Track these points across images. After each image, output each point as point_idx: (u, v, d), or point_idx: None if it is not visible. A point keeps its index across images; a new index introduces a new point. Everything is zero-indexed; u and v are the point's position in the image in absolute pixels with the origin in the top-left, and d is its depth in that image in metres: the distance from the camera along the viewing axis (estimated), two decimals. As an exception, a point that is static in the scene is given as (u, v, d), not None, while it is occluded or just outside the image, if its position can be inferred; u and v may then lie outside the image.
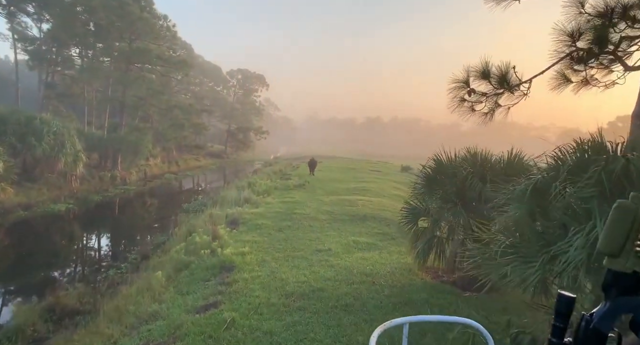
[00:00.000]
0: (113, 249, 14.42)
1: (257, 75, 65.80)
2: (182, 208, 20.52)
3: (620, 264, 0.93)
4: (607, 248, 0.95)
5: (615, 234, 0.95)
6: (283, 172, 34.19)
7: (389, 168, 43.00)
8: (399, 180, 29.92)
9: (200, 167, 43.45)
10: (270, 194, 20.29)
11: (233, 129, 58.95)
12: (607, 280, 0.94)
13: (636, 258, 0.93)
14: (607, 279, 0.94)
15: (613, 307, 0.91)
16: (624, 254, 0.93)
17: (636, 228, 0.93)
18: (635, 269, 0.92)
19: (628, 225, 0.94)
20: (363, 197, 19.06)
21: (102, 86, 26.38)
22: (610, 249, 0.95)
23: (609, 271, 0.95)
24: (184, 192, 27.72)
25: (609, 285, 0.94)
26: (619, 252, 0.94)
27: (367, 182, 25.58)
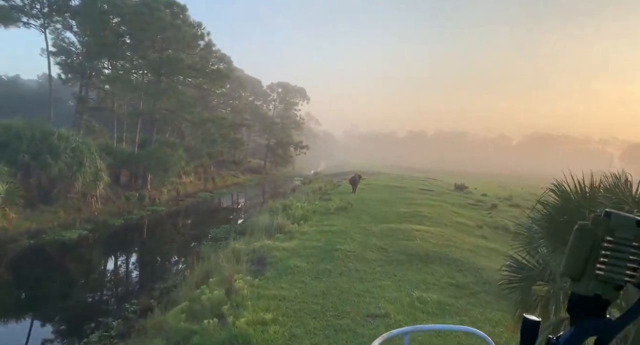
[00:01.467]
0: (110, 295, 12.00)
1: (297, 89, 64.13)
2: (208, 234, 18.11)
3: (583, 287, 0.93)
4: (569, 271, 0.95)
5: (575, 257, 0.94)
6: (323, 190, 31.36)
7: (440, 186, 39.07)
8: (456, 202, 26.17)
9: (237, 183, 41.57)
10: (307, 220, 17.43)
11: (272, 143, 57.20)
12: (571, 303, 0.95)
13: (597, 281, 0.92)
14: (572, 302, 0.95)
15: (578, 330, 0.91)
16: (586, 277, 0.93)
17: (596, 251, 0.92)
18: (597, 292, 0.92)
19: (587, 248, 0.93)
20: (419, 227, 15.74)
21: (135, 99, 25.01)
22: (571, 272, 0.95)
23: (572, 294, 0.95)
24: (216, 213, 25.47)
25: (574, 308, 0.94)
26: (580, 275, 0.93)
27: (420, 205, 22.15)
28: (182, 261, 14.46)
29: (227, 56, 39.72)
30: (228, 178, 40.28)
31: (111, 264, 14.36)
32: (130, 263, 14.47)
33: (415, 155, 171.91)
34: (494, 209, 24.35)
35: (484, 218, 20.63)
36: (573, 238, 0.96)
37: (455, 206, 24.21)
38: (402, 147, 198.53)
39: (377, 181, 39.44)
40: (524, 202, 30.63)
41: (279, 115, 61.75)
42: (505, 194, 37.83)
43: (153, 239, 18.12)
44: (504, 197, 33.81)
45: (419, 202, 23.96)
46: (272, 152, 56.97)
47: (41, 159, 16.16)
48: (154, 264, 14.39)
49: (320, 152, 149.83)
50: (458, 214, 20.67)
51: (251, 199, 34.52)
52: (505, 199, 32.15)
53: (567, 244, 0.96)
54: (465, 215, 20.72)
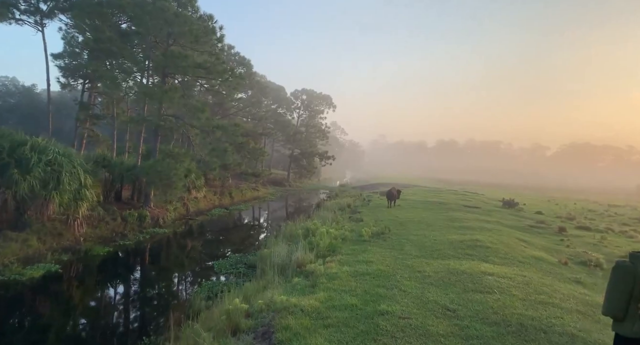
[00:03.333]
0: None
1: (322, 96, 60.68)
2: (210, 269, 14.49)
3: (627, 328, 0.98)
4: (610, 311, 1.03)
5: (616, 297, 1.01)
6: (352, 207, 27.44)
7: (484, 202, 34.39)
8: (513, 224, 21.70)
9: (257, 197, 38.14)
10: (335, 252, 13.56)
11: (297, 153, 53.75)
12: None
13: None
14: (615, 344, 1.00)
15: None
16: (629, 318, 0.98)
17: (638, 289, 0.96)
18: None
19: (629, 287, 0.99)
20: (488, 266, 11.60)
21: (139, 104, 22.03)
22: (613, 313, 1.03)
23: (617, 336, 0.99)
24: (227, 236, 21.90)
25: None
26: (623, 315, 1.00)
27: (475, 230, 17.90)
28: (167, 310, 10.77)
29: (246, 59, 36.87)
30: (247, 192, 36.91)
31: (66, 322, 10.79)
32: (95, 318, 10.89)
33: (446, 165, 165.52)
34: (564, 234, 19.78)
35: (560, 248, 16.18)
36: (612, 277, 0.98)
37: (516, 230, 19.79)
38: (431, 157, 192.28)
39: (413, 195, 35.17)
40: (590, 223, 25.79)
41: (303, 124, 58.43)
42: (562, 212, 32.86)
43: (143, 273, 14.51)
44: (564, 215, 28.92)
45: (470, 224, 19.68)
46: (295, 162, 53.53)
47: (6, 175, 13.06)
48: (126, 320, 10.77)
49: (346, 162, 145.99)
50: (525, 242, 16.29)
51: (271, 216, 30.89)
52: (566, 218, 27.29)
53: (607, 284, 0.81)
54: (536, 244, 16.33)
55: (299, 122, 58.33)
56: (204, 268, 15.09)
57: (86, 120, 24.03)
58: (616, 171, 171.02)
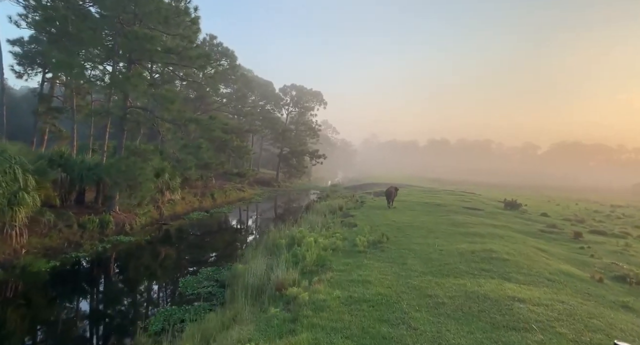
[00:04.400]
0: None
1: (313, 92, 58.20)
2: (174, 289, 12.07)
3: None
4: None
5: None
6: (344, 209, 25.11)
7: (485, 203, 32.30)
8: (523, 228, 19.56)
9: (243, 199, 35.60)
10: (325, 268, 11.22)
11: (286, 152, 51.26)
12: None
13: None
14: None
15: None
16: None
17: None
18: None
19: None
20: (512, 286, 9.38)
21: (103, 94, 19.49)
22: None
23: None
24: (201, 244, 19.41)
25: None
26: None
27: (484, 237, 15.68)
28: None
29: (230, 51, 34.20)
30: (232, 193, 34.37)
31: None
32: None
33: (437, 164, 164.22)
34: (581, 240, 17.68)
35: (584, 258, 14.02)
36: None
37: (528, 236, 17.64)
38: (423, 156, 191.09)
39: (408, 196, 32.98)
40: (603, 226, 23.79)
41: (293, 121, 55.96)
42: (567, 213, 30.91)
43: (73, 304, 11.78)
44: (571, 218, 26.92)
45: (477, 230, 17.47)
46: (285, 162, 51.04)
47: None
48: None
49: (338, 161, 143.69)
50: (545, 252, 14.10)
51: (255, 221, 28.41)
52: (575, 221, 25.26)
53: None
54: (556, 254, 14.14)
55: (288, 119, 55.87)
56: (167, 286, 12.63)
57: (46, 113, 21.39)
58: (607, 170, 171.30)
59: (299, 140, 53.74)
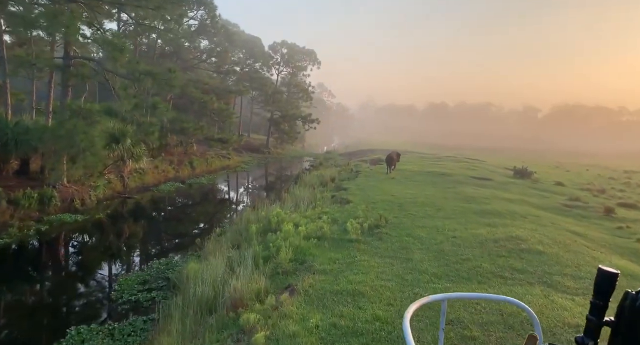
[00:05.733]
0: None
1: (305, 51, 53.78)
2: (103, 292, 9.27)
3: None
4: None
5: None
6: (337, 181, 22.23)
7: (492, 171, 29.49)
8: (541, 203, 16.79)
9: (227, 167, 32.56)
10: (304, 268, 8.45)
11: (277, 116, 47.74)
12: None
13: None
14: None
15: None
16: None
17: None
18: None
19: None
20: (566, 301, 6.57)
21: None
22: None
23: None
24: (163, 225, 16.62)
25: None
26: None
27: (503, 217, 12.89)
28: None
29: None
30: (214, 161, 31.29)
31: None
32: None
33: (436, 129, 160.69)
34: (614, 217, 14.98)
35: (632, 244, 11.29)
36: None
37: (553, 213, 14.89)
38: (421, 120, 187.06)
39: (408, 164, 30.07)
40: (628, 198, 21.15)
41: (284, 83, 51.95)
42: (581, 181, 28.25)
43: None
44: (589, 187, 24.22)
45: (492, 206, 14.67)
46: (276, 126, 47.61)
47: None
48: None
49: (333, 126, 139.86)
50: (582, 237, 11.32)
51: (234, 194, 25.47)
52: (595, 191, 22.56)
53: None
54: (597, 239, 11.37)
55: (279, 80, 51.85)
56: (97, 289, 9.80)
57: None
58: (608, 133, 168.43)
59: (291, 103, 50.02)
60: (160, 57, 30.20)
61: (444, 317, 2.27)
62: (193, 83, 29.81)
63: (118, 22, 26.59)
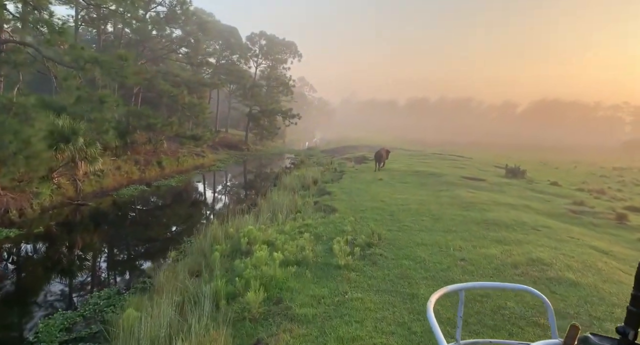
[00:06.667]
0: None
1: (286, 43, 51.36)
2: None
3: None
4: None
5: None
6: (320, 183, 20.28)
7: (482, 170, 28.03)
8: (550, 210, 15.18)
9: (201, 166, 30.16)
10: (279, 311, 6.45)
11: (256, 111, 45.34)
12: None
13: None
14: None
15: None
16: None
17: None
18: None
19: None
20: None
21: None
22: None
23: None
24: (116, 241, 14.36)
25: None
26: None
27: (513, 230, 11.19)
28: None
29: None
30: (187, 159, 28.87)
31: None
32: None
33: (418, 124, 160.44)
34: (631, 225, 13.50)
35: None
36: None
37: (562, 222, 13.30)
38: (403, 115, 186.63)
39: (395, 162, 28.33)
40: (631, 199, 19.92)
41: (263, 76, 49.44)
42: (575, 180, 27.08)
43: None
44: (586, 187, 22.93)
45: (496, 215, 12.95)
46: (255, 122, 45.21)
47: None
48: None
49: (315, 122, 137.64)
50: (609, 255, 9.67)
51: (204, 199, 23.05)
52: (595, 192, 21.23)
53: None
54: (626, 258, 9.70)
55: (258, 73, 49.30)
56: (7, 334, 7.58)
57: None
58: (585, 127, 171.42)
59: (271, 97, 47.60)
60: (127, 47, 27.51)
61: (461, 306, 2.26)
62: (162, 75, 27.25)
63: (76, 6, 23.86)
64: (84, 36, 31.75)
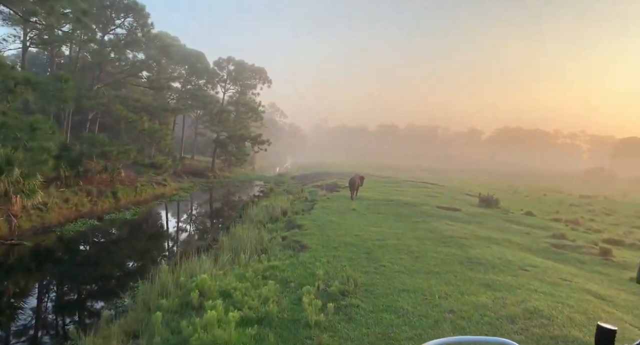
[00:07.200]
0: None
1: (255, 68, 50.59)
2: None
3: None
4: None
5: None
6: (290, 215, 18.98)
7: (455, 198, 27.46)
8: (531, 244, 14.42)
9: (162, 196, 28.16)
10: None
11: (223, 137, 43.85)
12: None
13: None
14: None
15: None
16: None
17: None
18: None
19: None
20: None
21: None
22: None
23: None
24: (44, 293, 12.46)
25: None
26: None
27: (498, 270, 10.25)
28: None
29: (139, 5, 25.56)
30: (146, 189, 26.88)
31: None
32: None
33: (388, 150, 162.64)
34: (617, 262, 12.83)
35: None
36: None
37: (546, 257, 12.52)
38: (373, 142, 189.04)
39: (368, 190, 27.36)
40: (606, 230, 19.61)
41: (232, 101, 48.23)
42: (549, 209, 26.96)
43: None
44: (560, 217, 22.60)
45: (479, 252, 12.00)
46: (223, 148, 43.63)
47: None
48: None
49: (286, 148, 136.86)
50: (607, 302, 8.77)
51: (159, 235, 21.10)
52: (570, 222, 20.86)
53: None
54: (624, 305, 8.80)
55: (226, 98, 48.07)
56: None
57: None
58: (546, 154, 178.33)
59: (240, 123, 46.29)
60: (82, 70, 25.83)
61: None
62: (121, 100, 25.57)
63: (24, 26, 22.12)
64: (37, 59, 29.80)
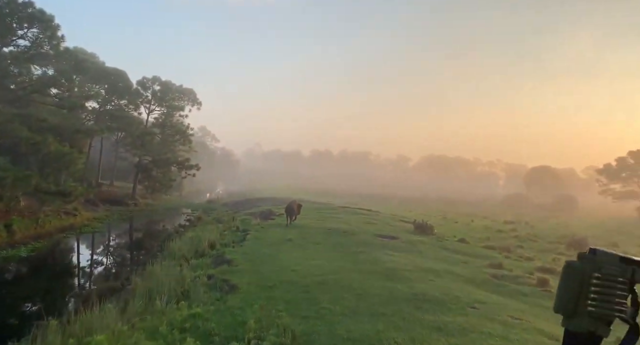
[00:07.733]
0: None
1: (183, 89, 47.88)
2: None
3: (576, 323, 0.92)
4: (561, 308, 0.95)
5: (566, 294, 0.94)
6: (218, 249, 17.18)
7: (390, 225, 27.21)
8: (471, 276, 14.15)
9: (70, 228, 24.58)
10: None
11: (146, 161, 40.51)
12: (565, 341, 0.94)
13: (590, 318, 0.90)
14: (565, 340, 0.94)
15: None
16: (578, 314, 0.92)
17: (586, 287, 0.91)
18: (590, 329, 0.90)
19: (577, 285, 0.92)
20: None
21: None
22: (564, 309, 0.94)
23: (566, 331, 0.94)
24: None
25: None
26: (572, 311, 0.92)
27: (446, 310, 9.57)
28: None
29: (47, 15, 22.55)
30: (51, 220, 23.31)
31: None
32: None
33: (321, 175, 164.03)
34: (549, 290, 12.83)
35: None
36: (563, 275, 0.94)
37: (489, 290, 12.18)
38: (307, 167, 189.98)
39: (306, 218, 26.16)
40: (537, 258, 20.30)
41: (157, 123, 45.06)
42: (480, 236, 27.71)
43: None
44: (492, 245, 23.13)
45: (423, 287, 11.30)
46: (145, 173, 40.20)
47: None
48: None
49: (218, 172, 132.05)
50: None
51: (59, 275, 17.98)
52: (502, 250, 21.31)
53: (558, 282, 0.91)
54: None
55: (150, 120, 44.79)
56: None
57: None
58: (467, 181, 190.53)
59: (166, 146, 43.19)
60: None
61: None
62: (22, 119, 22.24)
63: None
64: None
